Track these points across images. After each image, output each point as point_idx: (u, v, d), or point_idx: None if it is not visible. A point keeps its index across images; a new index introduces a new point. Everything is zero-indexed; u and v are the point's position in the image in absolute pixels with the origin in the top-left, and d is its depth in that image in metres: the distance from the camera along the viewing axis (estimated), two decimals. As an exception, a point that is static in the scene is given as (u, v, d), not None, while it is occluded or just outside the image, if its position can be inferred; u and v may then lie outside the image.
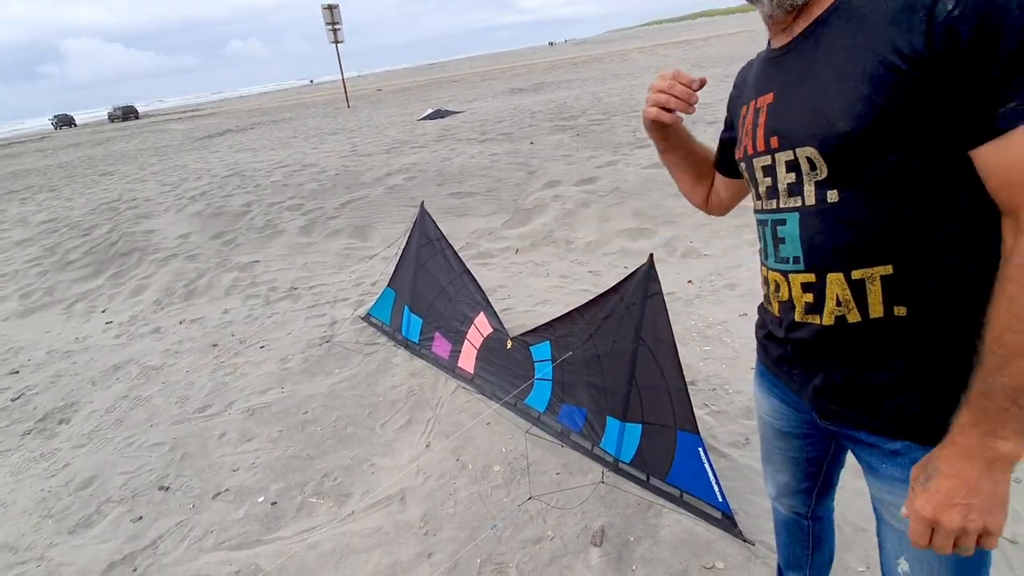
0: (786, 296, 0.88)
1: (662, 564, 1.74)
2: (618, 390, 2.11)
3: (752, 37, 26.39)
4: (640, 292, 2.01)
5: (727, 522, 1.82)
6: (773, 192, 0.85)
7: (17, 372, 3.93)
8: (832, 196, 0.77)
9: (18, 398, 3.53)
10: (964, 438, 0.69)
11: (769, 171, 0.85)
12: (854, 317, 0.79)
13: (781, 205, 0.84)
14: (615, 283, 2.15)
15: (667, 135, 1.09)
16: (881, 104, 0.69)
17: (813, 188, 0.78)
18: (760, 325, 1.06)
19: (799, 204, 0.81)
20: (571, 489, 2.07)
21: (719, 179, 1.17)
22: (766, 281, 0.94)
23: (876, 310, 0.78)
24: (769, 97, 0.84)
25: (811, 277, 0.82)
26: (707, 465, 1.86)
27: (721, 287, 3.61)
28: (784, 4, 0.79)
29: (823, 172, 0.77)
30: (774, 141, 0.82)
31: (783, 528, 1.32)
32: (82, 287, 5.60)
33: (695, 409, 1.93)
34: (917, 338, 0.77)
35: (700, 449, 1.88)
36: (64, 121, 54.63)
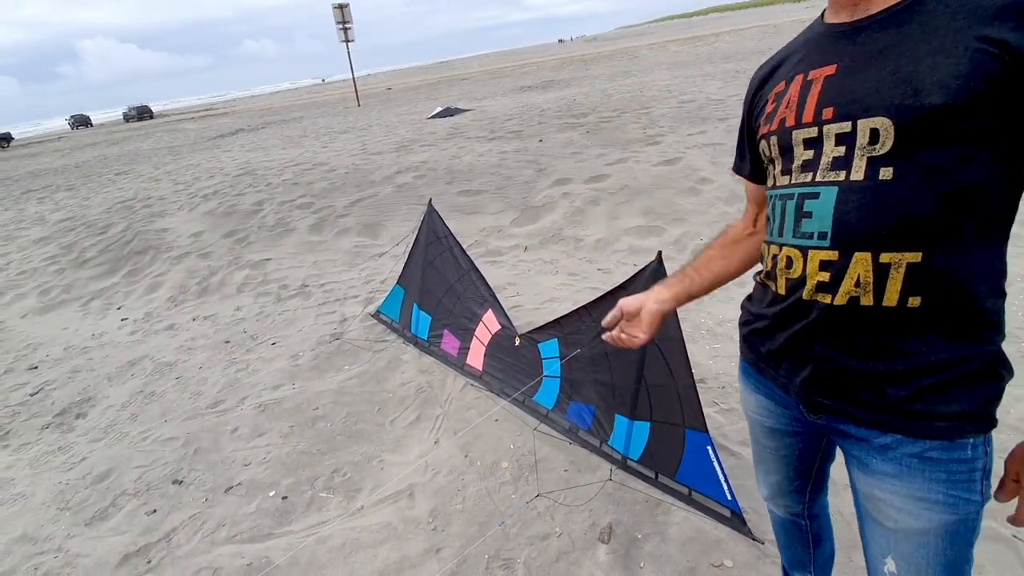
0: (798, 273, 0.85)
1: (670, 562, 1.74)
2: (626, 388, 2.10)
3: (764, 32, 26.10)
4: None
5: (736, 520, 1.81)
6: (811, 165, 0.82)
7: (36, 368, 4.01)
8: (885, 173, 0.75)
9: (37, 393, 3.60)
10: None
11: (813, 143, 0.82)
12: (867, 301, 0.78)
13: (817, 179, 0.81)
14: (623, 280, 2.14)
15: (679, 298, 1.16)
16: (976, 87, 0.69)
17: (865, 163, 0.76)
18: (745, 321, 1.05)
19: (841, 178, 0.79)
20: (579, 487, 2.07)
21: (760, 200, 1.08)
22: (774, 258, 0.91)
23: (891, 299, 0.77)
24: (830, 69, 0.81)
25: (833, 255, 0.80)
26: (716, 463, 1.85)
27: (731, 284, 3.57)
28: None
29: (886, 146, 0.74)
30: (827, 112, 0.80)
31: (781, 530, 1.32)
32: (98, 285, 5.69)
33: (704, 407, 1.92)
34: (923, 330, 0.77)
35: (709, 447, 1.87)
36: (81, 121, 55.44)
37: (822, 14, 0.89)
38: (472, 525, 1.99)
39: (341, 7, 24.21)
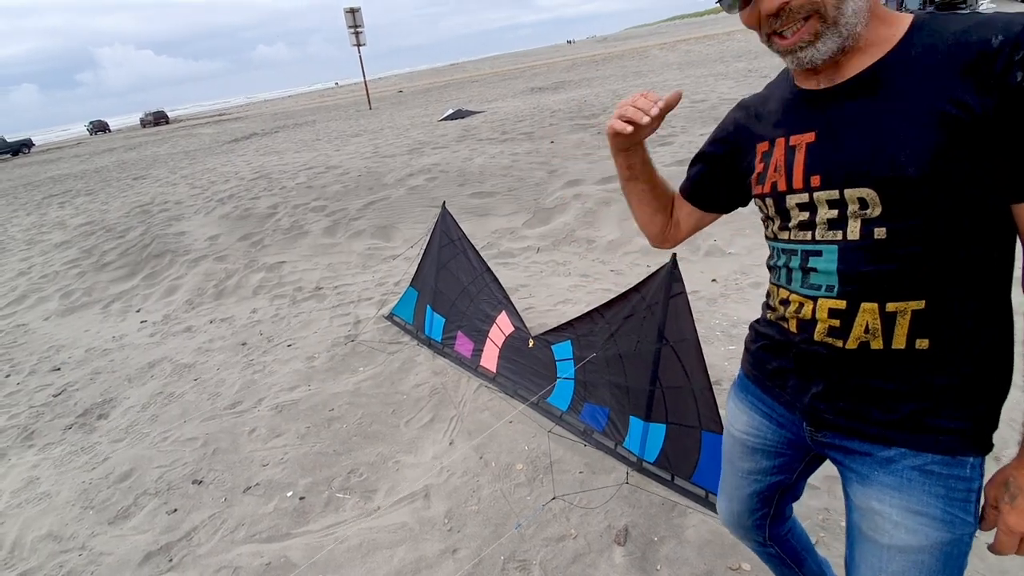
0: (809, 316, 0.88)
1: (687, 564, 1.73)
2: (641, 390, 2.10)
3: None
4: (663, 292, 2.00)
5: (753, 523, 1.80)
6: (808, 225, 0.86)
7: (59, 369, 4.10)
8: (880, 233, 0.78)
9: (60, 394, 3.68)
10: None
11: (807, 207, 0.85)
12: (877, 345, 0.82)
13: (817, 237, 0.84)
14: (636, 282, 2.14)
15: (632, 162, 1.08)
16: (947, 154, 0.72)
17: (859, 224, 0.79)
18: (754, 339, 1.06)
19: (839, 238, 0.82)
20: (595, 489, 2.07)
21: (685, 211, 1.16)
22: (784, 301, 0.93)
23: (899, 342, 0.81)
24: (809, 136, 0.84)
25: (842, 304, 0.83)
26: (732, 465, 1.84)
27: (746, 286, 3.56)
28: (808, 61, 0.79)
29: (875, 211, 0.78)
30: (815, 180, 0.82)
31: (760, 556, 1.31)
32: (118, 288, 5.80)
33: (720, 408, 1.91)
34: (931, 362, 0.80)
35: (725, 449, 1.86)
36: (99, 127, 56.55)
37: (789, 73, 0.91)
38: (488, 526, 2.00)
39: (352, 11, 24.44)
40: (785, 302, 0.92)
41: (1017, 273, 0.80)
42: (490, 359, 2.90)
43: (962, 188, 0.73)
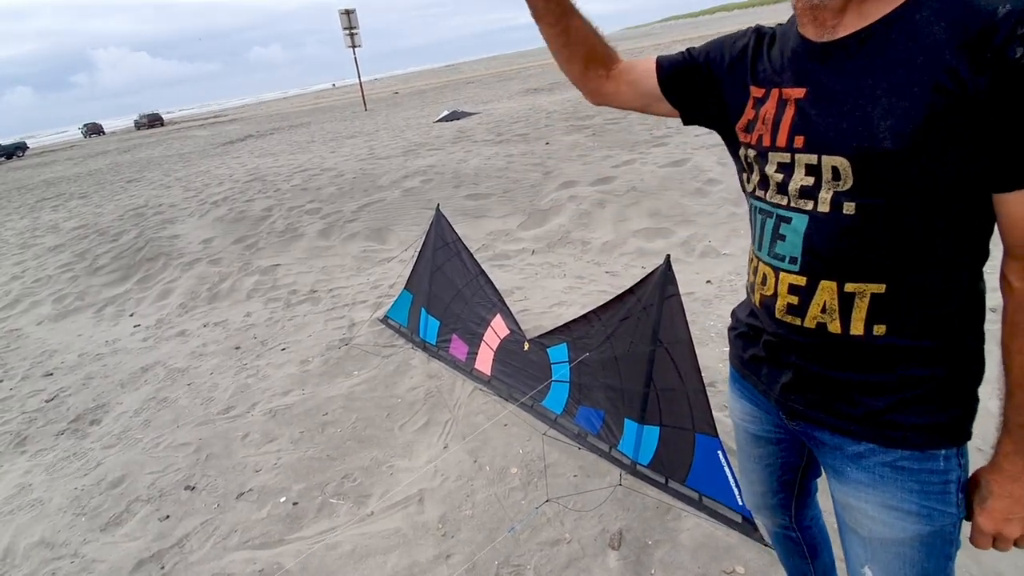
0: (771, 292, 0.87)
1: (681, 568, 1.73)
2: (635, 392, 2.10)
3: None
4: (657, 293, 1.99)
5: (747, 526, 1.80)
6: (783, 188, 0.82)
7: (51, 374, 4.07)
8: (848, 208, 0.75)
9: (52, 399, 3.65)
10: (1010, 464, 0.76)
11: (785, 168, 0.81)
12: (834, 328, 0.80)
13: (791, 204, 0.81)
14: (632, 284, 2.14)
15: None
16: (930, 132, 0.67)
17: (830, 196, 0.76)
18: (732, 326, 1.06)
19: (810, 208, 0.79)
20: (589, 492, 2.07)
21: (640, 80, 1.03)
22: (755, 271, 0.91)
23: (857, 327, 0.79)
24: (799, 92, 0.79)
25: (801, 280, 0.82)
26: (727, 468, 1.84)
27: (740, 287, 3.56)
28: None
29: (847, 183, 0.74)
30: (799, 140, 0.78)
31: (776, 542, 1.31)
32: (111, 291, 5.77)
33: (714, 411, 1.91)
34: (890, 353, 0.79)
35: (719, 452, 1.86)
36: (93, 130, 56.25)
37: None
38: (482, 531, 1.99)
39: (348, 12, 24.41)
40: (756, 270, 0.91)
41: (993, 264, 0.77)
42: (485, 362, 2.89)
43: (940, 170, 0.69)
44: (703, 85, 0.97)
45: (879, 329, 0.78)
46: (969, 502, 0.83)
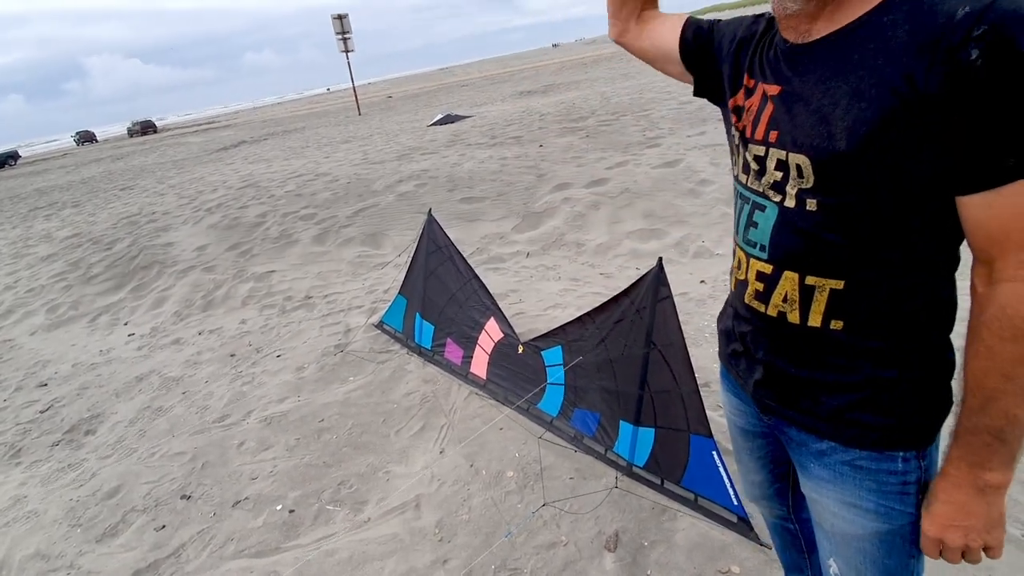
0: (743, 276, 0.90)
1: (677, 569, 1.74)
2: (630, 394, 2.11)
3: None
4: (650, 296, 2.00)
5: (743, 526, 1.81)
6: (759, 177, 0.85)
7: (46, 385, 4.05)
8: (811, 204, 0.77)
9: (47, 410, 3.63)
10: (955, 470, 0.74)
11: (760, 160, 0.84)
12: (794, 318, 0.83)
13: (765, 193, 0.84)
14: (625, 287, 2.15)
15: None
16: (884, 134, 0.68)
17: (795, 192, 0.79)
18: (720, 315, 1.08)
19: (779, 200, 0.82)
20: (585, 495, 2.07)
21: (667, 29, 1.05)
22: (734, 253, 0.95)
23: (815, 319, 0.81)
24: (775, 89, 0.82)
25: (768, 268, 0.84)
26: (721, 468, 1.85)
27: (734, 287, 3.58)
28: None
29: (808, 181, 0.76)
30: (773, 135, 0.81)
31: (774, 534, 1.33)
32: (105, 300, 5.74)
33: (709, 411, 1.93)
34: (847, 350, 0.80)
35: (714, 452, 1.87)
36: (86, 137, 55.95)
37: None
38: (478, 535, 1.99)
39: (340, 17, 24.39)
40: (734, 253, 0.95)
41: (962, 270, 0.77)
42: (480, 366, 2.89)
43: (897, 172, 0.69)
44: (712, 60, 0.99)
45: (836, 324, 0.79)
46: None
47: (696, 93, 1.06)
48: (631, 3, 1.10)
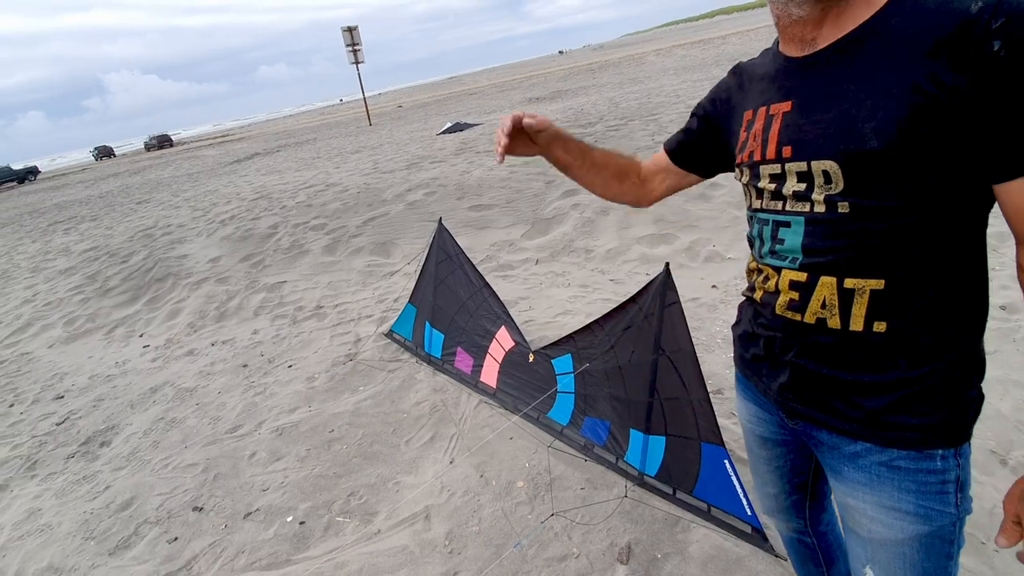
0: (773, 288, 0.88)
1: (691, 582, 1.70)
2: (640, 402, 2.08)
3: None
4: (657, 302, 1.98)
5: (757, 537, 1.76)
6: (778, 195, 0.85)
7: (62, 397, 4.11)
8: (843, 207, 0.76)
9: (63, 422, 3.68)
10: None
11: (777, 179, 0.84)
12: (834, 324, 0.81)
13: (787, 208, 0.83)
14: (634, 293, 2.12)
15: (555, 157, 1.12)
16: (915, 129, 0.69)
17: (823, 198, 0.78)
18: (736, 323, 1.06)
19: (807, 210, 0.81)
20: (596, 504, 2.04)
21: (663, 172, 1.16)
22: (756, 271, 0.94)
23: (857, 323, 0.79)
24: (786, 105, 0.82)
25: (802, 277, 0.83)
26: (734, 477, 1.81)
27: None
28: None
29: (838, 186, 0.76)
30: (786, 151, 0.81)
31: (790, 548, 1.29)
32: (121, 312, 5.83)
33: (721, 418, 1.89)
34: (886, 351, 0.78)
35: (726, 461, 1.83)
36: (104, 152, 57.17)
37: (777, 41, 0.90)
38: (488, 547, 1.97)
39: (350, 30, 24.72)
40: (758, 271, 0.93)
41: (1002, 260, 0.78)
42: (490, 375, 2.88)
43: (931, 166, 0.70)
44: (710, 137, 1.04)
45: (879, 326, 0.77)
46: (1005, 525, 0.80)
47: (706, 177, 1.13)
48: (626, 180, 1.18)
